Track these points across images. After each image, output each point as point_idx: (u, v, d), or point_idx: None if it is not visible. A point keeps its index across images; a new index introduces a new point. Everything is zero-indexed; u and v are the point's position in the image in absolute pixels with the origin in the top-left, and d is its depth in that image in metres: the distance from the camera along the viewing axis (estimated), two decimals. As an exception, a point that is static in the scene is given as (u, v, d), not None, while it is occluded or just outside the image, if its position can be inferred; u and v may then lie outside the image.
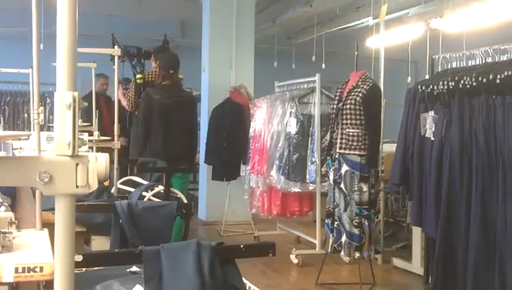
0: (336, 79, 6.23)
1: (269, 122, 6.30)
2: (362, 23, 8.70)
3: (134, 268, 1.90)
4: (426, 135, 4.47)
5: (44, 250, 1.71)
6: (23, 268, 1.51)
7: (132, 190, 3.70)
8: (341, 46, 9.55)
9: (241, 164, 6.98)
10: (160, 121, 5.21)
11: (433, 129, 4.37)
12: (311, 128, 5.98)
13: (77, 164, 0.78)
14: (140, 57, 6.67)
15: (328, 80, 7.28)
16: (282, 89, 6.70)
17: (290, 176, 5.94)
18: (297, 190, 5.97)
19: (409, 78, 8.12)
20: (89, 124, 5.42)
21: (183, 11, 9.68)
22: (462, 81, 4.16)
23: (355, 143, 4.89)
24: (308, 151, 5.96)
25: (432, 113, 4.42)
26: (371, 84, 4.94)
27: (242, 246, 1.49)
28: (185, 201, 3.51)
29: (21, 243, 1.79)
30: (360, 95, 4.89)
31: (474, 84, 4.05)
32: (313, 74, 6.10)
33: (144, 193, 3.50)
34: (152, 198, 3.45)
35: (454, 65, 4.59)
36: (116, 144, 3.66)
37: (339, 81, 5.24)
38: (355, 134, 4.89)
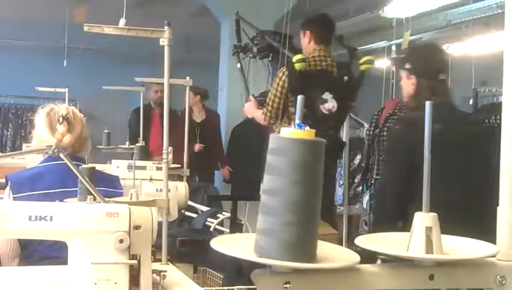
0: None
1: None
2: (375, 46, 8.85)
3: None
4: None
5: (194, 288, 1.69)
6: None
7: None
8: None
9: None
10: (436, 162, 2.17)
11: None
12: (339, 152, 6.05)
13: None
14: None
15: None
16: (306, 111, 6.75)
17: (318, 198, 6.01)
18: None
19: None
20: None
21: (190, 26, 9.57)
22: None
23: (392, 169, 5.00)
24: (337, 174, 6.04)
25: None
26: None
27: None
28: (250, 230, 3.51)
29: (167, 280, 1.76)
30: (398, 122, 5.00)
31: None
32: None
33: (209, 220, 3.51)
34: (218, 227, 3.45)
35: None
36: (186, 171, 3.45)
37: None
38: (393, 161, 5.00)
